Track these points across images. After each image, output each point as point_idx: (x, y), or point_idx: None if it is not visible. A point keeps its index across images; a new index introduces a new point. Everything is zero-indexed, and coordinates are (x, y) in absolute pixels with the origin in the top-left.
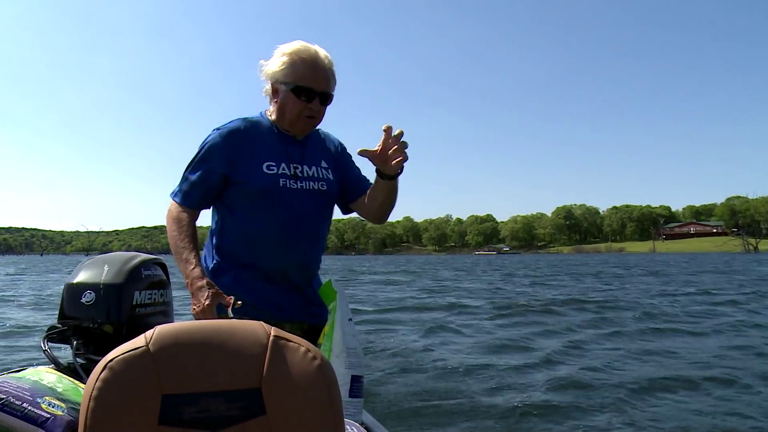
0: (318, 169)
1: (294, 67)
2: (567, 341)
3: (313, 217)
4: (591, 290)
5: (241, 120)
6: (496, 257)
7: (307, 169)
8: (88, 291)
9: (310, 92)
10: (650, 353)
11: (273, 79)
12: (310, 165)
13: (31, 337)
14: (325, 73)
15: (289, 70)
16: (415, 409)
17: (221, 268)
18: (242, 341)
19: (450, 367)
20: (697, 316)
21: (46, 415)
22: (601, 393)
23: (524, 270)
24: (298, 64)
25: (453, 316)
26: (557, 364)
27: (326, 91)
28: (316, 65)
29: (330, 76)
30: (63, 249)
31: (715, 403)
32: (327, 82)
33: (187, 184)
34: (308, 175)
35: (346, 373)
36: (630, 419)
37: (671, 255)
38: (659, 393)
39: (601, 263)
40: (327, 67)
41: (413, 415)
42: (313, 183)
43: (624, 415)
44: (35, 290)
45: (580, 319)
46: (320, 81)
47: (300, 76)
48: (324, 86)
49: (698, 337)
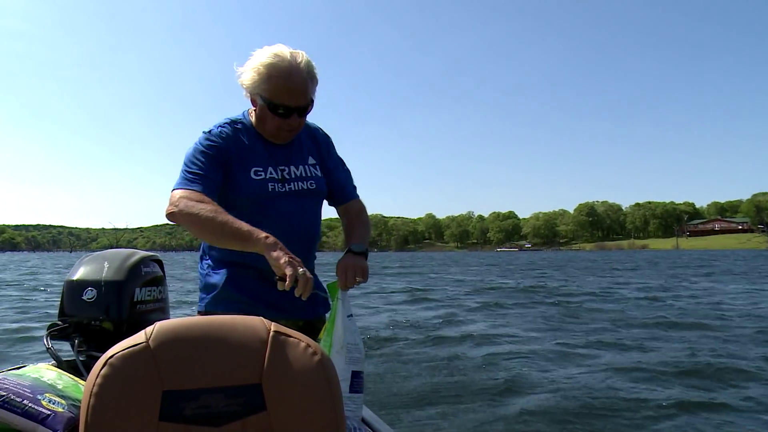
0: (306, 168)
1: (269, 82)
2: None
3: (304, 218)
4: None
5: (228, 124)
6: (519, 253)
7: (294, 170)
8: (90, 288)
9: (287, 108)
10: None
11: (248, 89)
12: (297, 165)
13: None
14: (302, 86)
15: (264, 85)
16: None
17: (215, 266)
18: (242, 337)
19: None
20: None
21: (46, 412)
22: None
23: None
24: (273, 79)
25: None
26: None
27: (303, 104)
28: (292, 79)
29: (307, 85)
30: (89, 246)
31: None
32: (304, 95)
33: (196, 174)
34: (296, 175)
35: (347, 368)
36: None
37: (694, 252)
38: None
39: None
40: (303, 79)
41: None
42: (301, 183)
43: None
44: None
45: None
46: (296, 96)
47: (275, 93)
48: (301, 100)
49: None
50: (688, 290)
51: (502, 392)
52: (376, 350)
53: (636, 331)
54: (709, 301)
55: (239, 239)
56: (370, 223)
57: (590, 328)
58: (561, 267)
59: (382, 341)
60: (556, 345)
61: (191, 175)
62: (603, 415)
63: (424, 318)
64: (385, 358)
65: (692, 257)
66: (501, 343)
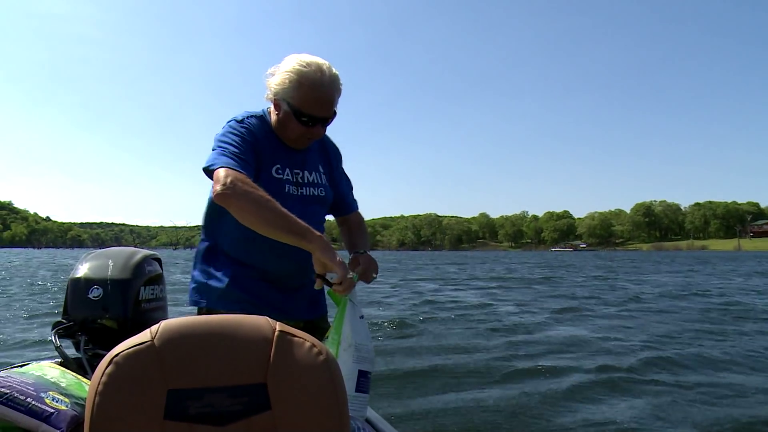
0: (317, 175)
1: (299, 90)
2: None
3: (311, 224)
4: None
5: (255, 117)
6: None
7: (307, 175)
8: (96, 286)
9: (313, 119)
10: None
11: (275, 94)
12: (310, 171)
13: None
14: (330, 97)
15: (293, 92)
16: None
17: (217, 264)
18: (247, 336)
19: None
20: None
21: (50, 410)
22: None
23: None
24: (303, 88)
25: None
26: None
27: (329, 116)
28: (321, 91)
29: (334, 97)
30: (149, 243)
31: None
32: (331, 106)
33: (240, 157)
34: (308, 181)
35: (354, 367)
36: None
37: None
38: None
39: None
40: (332, 91)
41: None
42: (313, 189)
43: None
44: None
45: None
46: (324, 107)
47: (303, 102)
48: (327, 112)
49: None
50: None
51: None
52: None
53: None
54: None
55: (296, 234)
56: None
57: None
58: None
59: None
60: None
61: (236, 157)
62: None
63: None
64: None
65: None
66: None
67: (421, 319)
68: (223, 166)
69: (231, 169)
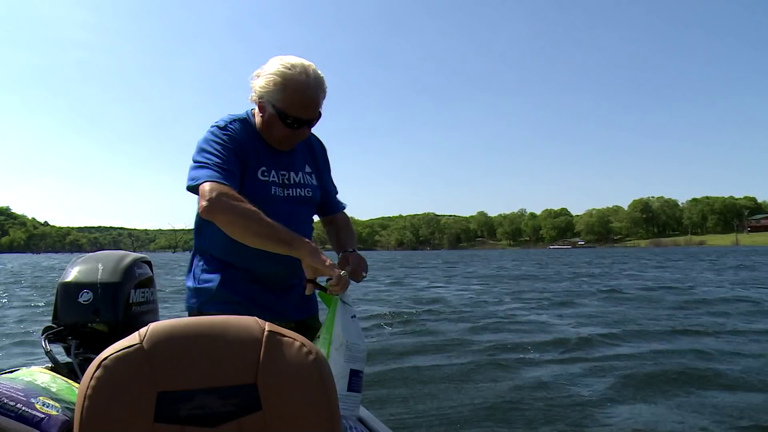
0: (303, 176)
1: (284, 93)
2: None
3: (299, 225)
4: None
5: (238, 120)
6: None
7: (294, 176)
8: (86, 290)
9: (299, 120)
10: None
11: (260, 96)
12: (296, 171)
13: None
14: (315, 100)
15: (278, 95)
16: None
17: (208, 267)
18: (237, 337)
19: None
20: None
21: (40, 415)
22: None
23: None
24: (288, 90)
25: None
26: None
27: (314, 117)
28: (306, 93)
29: (319, 99)
30: (147, 246)
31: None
32: (316, 108)
33: (222, 168)
34: (295, 182)
35: (345, 366)
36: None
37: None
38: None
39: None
40: (316, 92)
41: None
42: (299, 190)
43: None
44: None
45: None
46: (309, 109)
47: (288, 104)
48: (312, 114)
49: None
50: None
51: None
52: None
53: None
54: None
55: (284, 243)
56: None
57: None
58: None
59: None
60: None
61: (219, 168)
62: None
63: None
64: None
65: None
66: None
67: (416, 317)
68: (206, 180)
69: (215, 182)
